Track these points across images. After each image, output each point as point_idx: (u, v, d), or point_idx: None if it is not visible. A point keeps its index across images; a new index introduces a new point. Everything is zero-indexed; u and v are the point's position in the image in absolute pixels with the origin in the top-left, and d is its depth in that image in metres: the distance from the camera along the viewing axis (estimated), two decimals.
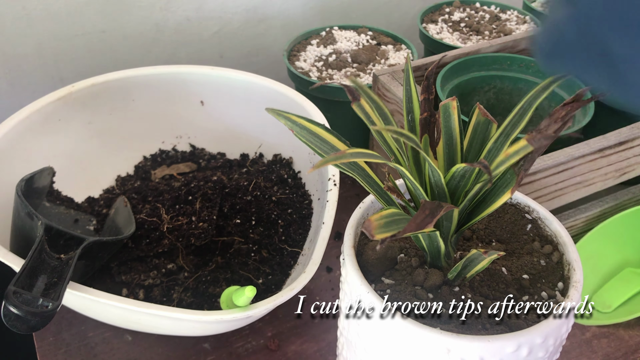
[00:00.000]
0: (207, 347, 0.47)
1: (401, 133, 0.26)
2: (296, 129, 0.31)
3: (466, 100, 0.57)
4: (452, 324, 0.30)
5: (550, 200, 0.47)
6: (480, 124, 0.32)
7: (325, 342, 0.48)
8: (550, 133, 0.28)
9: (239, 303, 0.39)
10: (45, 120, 0.53)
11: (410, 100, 0.33)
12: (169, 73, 0.59)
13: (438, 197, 0.30)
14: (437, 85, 0.53)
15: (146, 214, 0.51)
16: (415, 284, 0.32)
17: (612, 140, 0.45)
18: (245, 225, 0.50)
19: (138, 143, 0.60)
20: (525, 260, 0.34)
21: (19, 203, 0.42)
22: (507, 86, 0.57)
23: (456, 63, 0.56)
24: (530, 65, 0.56)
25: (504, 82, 0.57)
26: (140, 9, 0.69)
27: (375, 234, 0.27)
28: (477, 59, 0.56)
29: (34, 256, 0.38)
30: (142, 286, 0.47)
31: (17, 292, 0.34)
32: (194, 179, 0.55)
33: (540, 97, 0.31)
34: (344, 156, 0.27)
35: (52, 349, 0.47)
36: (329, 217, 0.45)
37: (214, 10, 0.73)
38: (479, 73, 0.57)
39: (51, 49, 0.68)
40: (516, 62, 0.56)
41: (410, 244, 0.35)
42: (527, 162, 0.29)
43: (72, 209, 0.52)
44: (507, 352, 0.29)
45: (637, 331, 0.49)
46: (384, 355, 0.31)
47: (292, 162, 0.59)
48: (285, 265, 0.49)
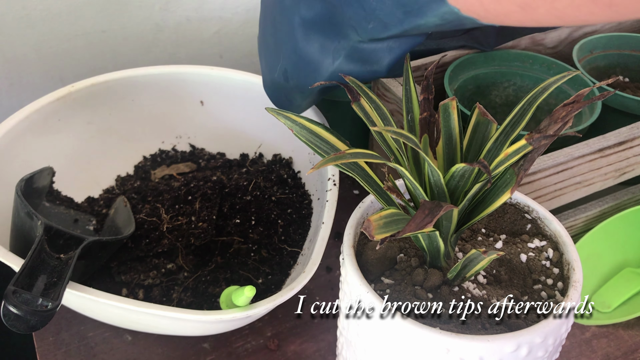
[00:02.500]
0: (207, 347, 0.47)
1: (400, 133, 0.26)
2: (296, 129, 0.31)
3: (484, 94, 0.57)
4: (451, 324, 0.30)
5: (549, 200, 0.47)
6: (480, 123, 0.32)
7: (325, 342, 0.48)
8: (550, 133, 0.28)
9: (239, 303, 0.39)
10: (45, 120, 0.53)
11: (409, 100, 0.33)
12: (169, 73, 0.59)
13: (437, 197, 0.30)
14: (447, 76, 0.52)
15: (146, 213, 0.51)
16: (415, 284, 0.32)
17: (611, 140, 0.45)
18: (245, 225, 0.50)
19: (138, 143, 0.60)
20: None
21: (19, 203, 0.42)
22: (527, 84, 0.57)
23: (476, 54, 0.55)
24: (552, 67, 0.56)
25: (524, 80, 0.57)
26: (140, 9, 0.69)
27: (375, 234, 0.27)
28: (499, 54, 0.56)
29: (33, 256, 0.38)
30: (141, 286, 0.47)
31: (16, 292, 0.34)
32: (193, 179, 0.55)
33: (540, 98, 0.31)
34: (343, 156, 0.27)
35: (51, 348, 0.47)
36: (328, 217, 0.45)
37: (214, 10, 0.73)
38: (499, 68, 0.57)
39: (51, 49, 0.68)
40: (538, 62, 0.56)
41: (410, 244, 0.35)
42: (527, 162, 0.29)
43: (71, 208, 0.52)
44: (507, 352, 0.29)
45: (637, 331, 0.49)
46: (383, 355, 0.31)
47: (291, 162, 0.59)
48: (284, 265, 0.49)
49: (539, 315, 0.31)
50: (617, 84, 0.60)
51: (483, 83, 0.57)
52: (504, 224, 0.36)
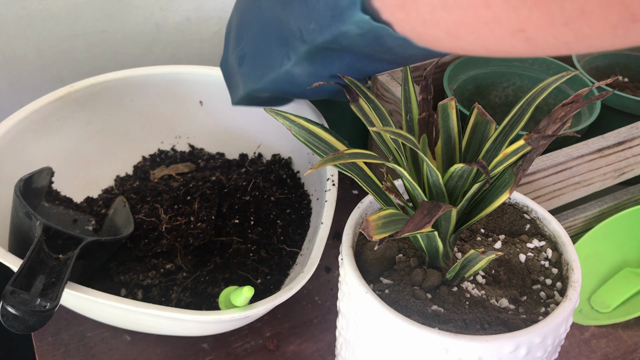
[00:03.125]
0: (206, 347, 0.47)
1: (399, 134, 0.26)
2: (295, 129, 0.31)
3: (483, 94, 0.57)
4: (450, 324, 0.30)
5: (549, 200, 0.47)
6: (479, 123, 0.32)
7: (324, 342, 0.48)
8: (549, 133, 0.28)
9: (238, 303, 0.39)
10: (44, 120, 0.53)
11: (408, 100, 0.33)
12: (169, 73, 0.59)
13: (436, 197, 0.30)
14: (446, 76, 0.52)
15: (145, 214, 0.51)
16: (414, 284, 0.32)
17: (611, 140, 0.45)
18: (244, 226, 0.50)
19: (137, 143, 0.60)
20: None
21: (18, 203, 0.42)
22: (527, 85, 0.57)
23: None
24: (551, 67, 0.56)
25: (524, 80, 0.57)
26: (140, 9, 0.69)
27: (374, 234, 0.27)
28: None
29: (32, 256, 0.37)
30: (140, 286, 0.47)
31: (15, 292, 0.34)
32: (192, 179, 0.55)
33: (539, 98, 0.31)
34: (342, 157, 0.27)
35: (50, 349, 0.47)
36: (327, 217, 0.45)
37: (214, 10, 0.73)
38: (499, 68, 0.57)
39: (51, 49, 0.68)
40: (537, 61, 0.56)
41: (409, 244, 0.35)
42: (526, 162, 0.29)
43: (70, 209, 0.52)
44: (506, 352, 0.28)
45: (636, 331, 0.49)
46: (382, 355, 0.31)
47: (291, 162, 0.59)
48: (283, 266, 0.49)
49: (537, 315, 0.31)
50: (617, 84, 0.60)
51: (482, 83, 0.57)
52: (503, 224, 0.36)
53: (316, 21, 0.30)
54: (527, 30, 0.20)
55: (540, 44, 0.20)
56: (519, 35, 0.20)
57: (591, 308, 0.50)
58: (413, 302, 0.31)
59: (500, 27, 0.20)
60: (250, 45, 0.38)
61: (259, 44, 0.37)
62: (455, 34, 0.22)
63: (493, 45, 0.22)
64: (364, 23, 0.27)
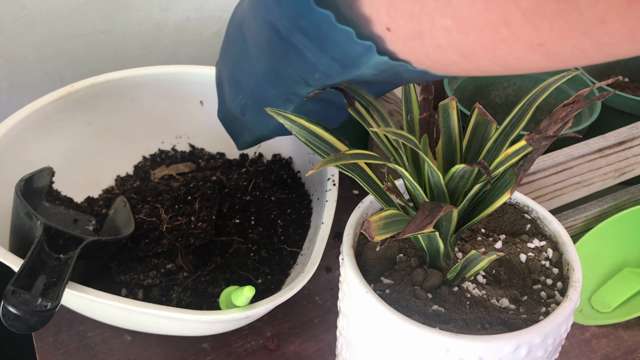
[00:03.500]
0: (206, 347, 0.47)
1: (400, 134, 0.26)
2: (295, 129, 0.31)
3: (483, 94, 0.57)
4: (451, 324, 0.30)
5: (549, 200, 0.47)
6: (480, 124, 0.32)
7: (325, 342, 0.48)
8: (550, 134, 0.28)
9: (238, 303, 0.39)
10: (44, 120, 0.53)
11: (409, 100, 0.33)
12: (169, 73, 0.59)
13: (437, 197, 0.30)
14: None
15: (145, 214, 0.51)
16: (415, 284, 0.32)
17: (611, 140, 0.45)
18: (245, 225, 0.50)
19: (137, 143, 0.60)
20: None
21: (18, 203, 0.42)
22: (527, 85, 0.57)
23: None
24: None
25: (524, 80, 0.57)
26: (140, 9, 0.69)
27: (375, 235, 0.27)
28: None
29: (33, 256, 0.37)
30: (141, 286, 0.47)
31: (15, 292, 0.34)
32: (193, 179, 0.55)
33: (540, 98, 0.31)
34: (343, 157, 0.27)
35: (51, 349, 0.47)
36: (328, 217, 0.45)
37: (214, 10, 0.73)
38: None
39: (51, 49, 0.68)
40: None
41: (410, 244, 0.35)
42: (527, 162, 0.29)
43: (71, 209, 0.52)
44: (506, 352, 0.29)
45: (637, 331, 0.49)
46: (383, 355, 0.31)
47: (291, 162, 0.59)
48: (284, 265, 0.49)
49: (538, 315, 0.31)
50: (617, 84, 0.60)
51: (483, 83, 0.57)
52: (504, 224, 0.36)
53: (322, 72, 0.30)
54: (546, 43, 0.20)
55: (559, 55, 0.20)
56: (538, 49, 0.20)
57: (592, 308, 0.50)
58: (414, 302, 0.31)
59: (519, 42, 0.20)
60: (250, 95, 0.37)
61: (259, 92, 0.36)
62: (473, 55, 0.22)
63: (511, 62, 0.22)
64: (381, 64, 0.26)
